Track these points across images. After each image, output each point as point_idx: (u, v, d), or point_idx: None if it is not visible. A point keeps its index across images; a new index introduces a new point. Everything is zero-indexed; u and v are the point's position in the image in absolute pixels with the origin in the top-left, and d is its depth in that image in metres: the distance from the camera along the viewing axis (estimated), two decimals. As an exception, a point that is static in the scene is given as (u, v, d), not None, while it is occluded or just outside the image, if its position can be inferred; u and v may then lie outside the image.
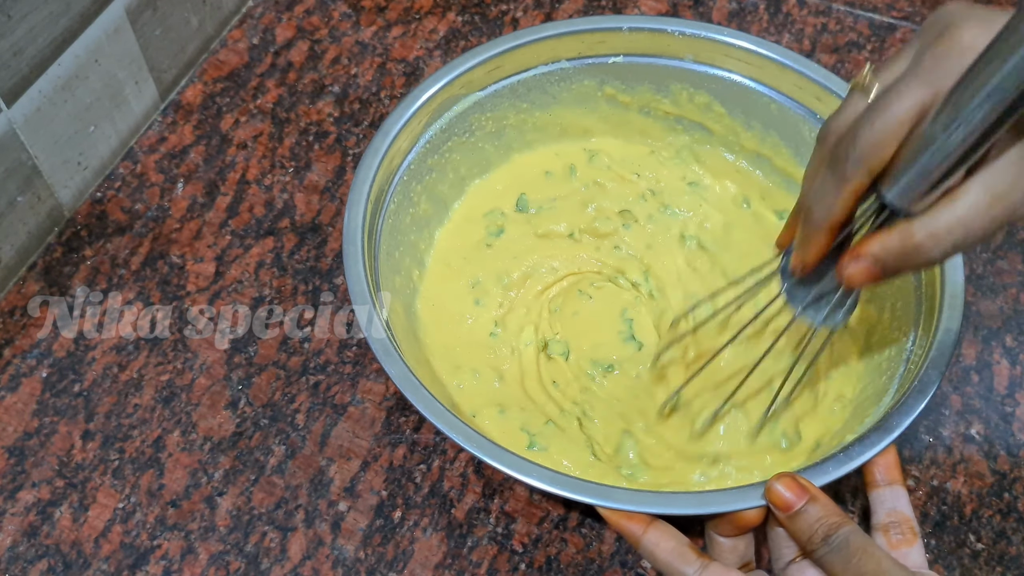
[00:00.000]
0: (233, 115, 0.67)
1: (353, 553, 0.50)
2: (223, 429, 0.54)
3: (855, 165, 0.37)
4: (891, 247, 0.38)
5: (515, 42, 0.58)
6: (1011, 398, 0.56)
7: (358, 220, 0.51)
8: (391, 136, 0.54)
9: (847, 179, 0.38)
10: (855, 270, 0.39)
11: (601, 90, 0.61)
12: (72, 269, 0.60)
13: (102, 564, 0.50)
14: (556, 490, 0.43)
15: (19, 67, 0.54)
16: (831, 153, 0.39)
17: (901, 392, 0.46)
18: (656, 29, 0.59)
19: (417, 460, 0.53)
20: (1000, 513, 0.52)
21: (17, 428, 0.54)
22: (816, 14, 0.74)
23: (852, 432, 0.47)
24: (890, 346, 0.52)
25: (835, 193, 0.39)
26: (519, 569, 0.50)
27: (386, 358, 0.47)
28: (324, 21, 0.73)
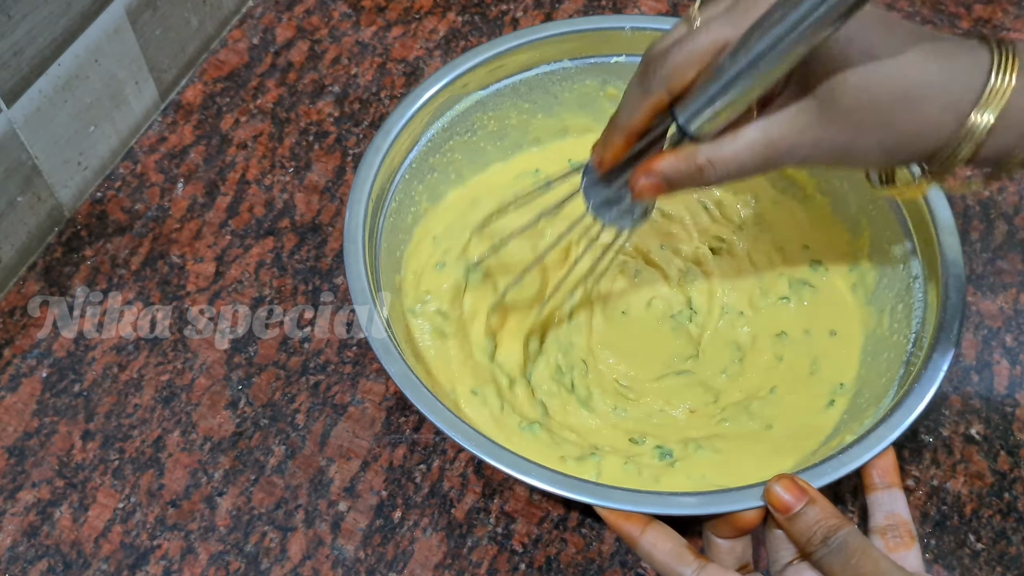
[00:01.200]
0: (233, 115, 0.67)
1: (353, 553, 0.50)
2: (223, 429, 0.54)
3: (659, 83, 0.40)
4: (677, 166, 0.41)
5: (517, 41, 0.58)
6: (1011, 398, 0.56)
7: (359, 219, 0.51)
8: (392, 135, 0.54)
9: (650, 92, 0.41)
10: (644, 183, 0.43)
11: (603, 90, 0.61)
12: (72, 269, 0.60)
13: (102, 564, 0.50)
14: (555, 489, 0.43)
15: (19, 67, 0.54)
16: (644, 67, 0.42)
17: (900, 394, 0.46)
18: (659, 29, 0.59)
19: (417, 460, 0.53)
20: (1000, 513, 0.52)
21: (17, 428, 0.54)
22: (816, 14, 0.74)
23: (851, 434, 0.47)
24: (890, 348, 0.52)
25: (638, 102, 0.42)
26: (519, 569, 0.50)
27: (387, 357, 0.47)
28: (324, 21, 0.73)
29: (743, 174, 0.40)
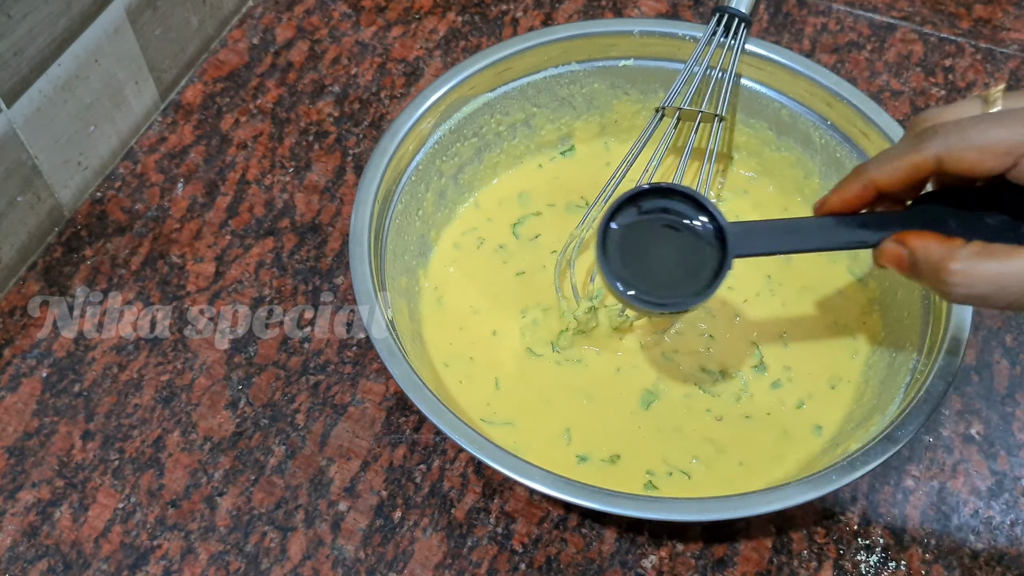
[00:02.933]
0: (233, 115, 0.67)
1: (353, 553, 0.50)
2: (223, 429, 0.54)
3: (938, 145, 0.36)
4: (928, 253, 0.37)
5: (525, 44, 0.58)
6: (1011, 398, 0.56)
7: (364, 220, 0.51)
8: (399, 136, 0.54)
9: (920, 151, 0.37)
10: (890, 248, 0.39)
11: (612, 93, 0.61)
12: (72, 269, 0.60)
13: (102, 564, 0.50)
14: (557, 493, 0.43)
15: (19, 67, 0.54)
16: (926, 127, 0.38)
17: (906, 402, 0.47)
18: (667, 33, 0.59)
19: (417, 460, 0.53)
20: (1000, 513, 0.52)
21: (17, 428, 0.54)
22: (816, 14, 0.74)
23: (857, 442, 0.47)
24: (896, 356, 0.52)
25: (900, 154, 0.38)
26: (519, 569, 0.50)
27: (390, 358, 0.47)
28: (324, 21, 0.73)
29: (994, 301, 0.35)
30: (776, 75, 0.58)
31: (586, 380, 0.54)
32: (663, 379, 0.54)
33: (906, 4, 0.75)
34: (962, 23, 0.73)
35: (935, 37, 0.73)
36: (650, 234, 0.43)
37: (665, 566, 0.50)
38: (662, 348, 0.55)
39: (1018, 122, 0.35)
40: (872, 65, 0.71)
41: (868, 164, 0.40)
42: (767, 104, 0.59)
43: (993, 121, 0.36)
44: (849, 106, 0.56)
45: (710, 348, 0.55)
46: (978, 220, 0.39)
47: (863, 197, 0.40)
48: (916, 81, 0.70)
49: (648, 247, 0.43)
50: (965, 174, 0.37)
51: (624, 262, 0.42)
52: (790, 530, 0.51)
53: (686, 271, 0.42)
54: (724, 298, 0.57)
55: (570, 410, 0.53)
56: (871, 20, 0.74)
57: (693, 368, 0.54)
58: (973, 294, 0.36)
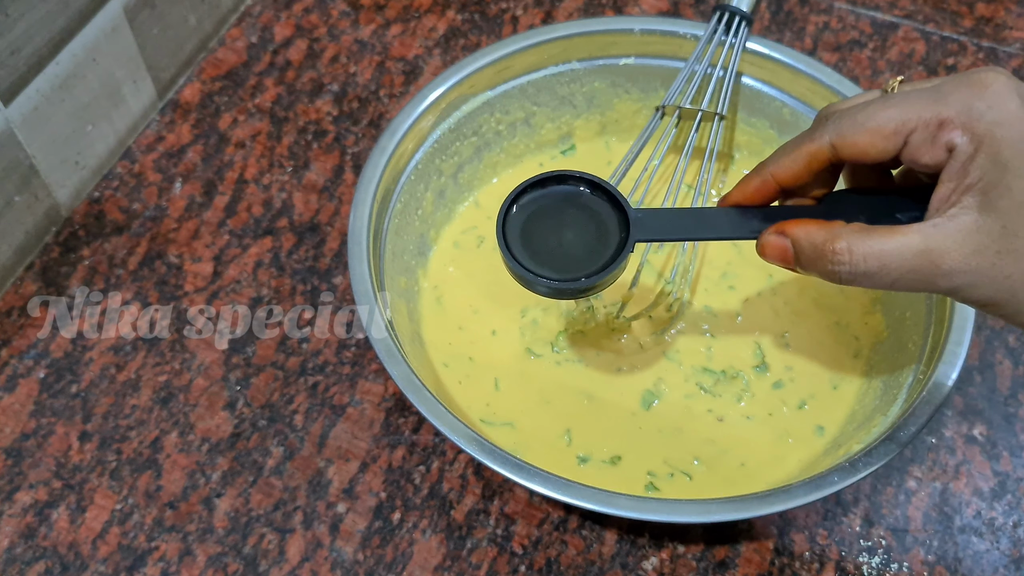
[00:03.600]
0: (231, 114, 0.67)
1: (352, 555, 0.50)
2: (221, 430, 0.54)
3: (830, 132, 0.37)
4: (812, 239, 0.37)
5: (525, 42, 0.58)
6: (1014, 399, 0.55)
7: (363, 220, 0.51)
8: (399, 135, 0.54)
9: (814, 140, 0.38)
10: (772, 241, 0.39)
11: (612, 91, 0.61)
12: (70, 269, 0.59)
13: (99, 566, 0.49)
14: (557, 495, 0.43)
15: (16, 66, 0.53)
16: (819, 119, 0.39)
17: (909, 403, 0.46)
18: (668, 31, 0.59)
19: (416, 461, 0.53)
20: (1003, 514, 0.52)
21: (14, 429, 0.53)
22: (818, 12, 0.74)
23: (859, 442, 0.46)
24: (899, 357, 0.52)
25: (796, 146, 0.38)
26: (519, 571, 0.50)
27: (389, 359, 0.46)
28: (323, 19, 0.73)
29: (878, 280, 0.35)
30: (778, 73, 0.58)
31: (586, 380, 0.54)
32: (664, 379, 0.53)
33: (908, 2, 0.74)
34: (964, 22, 0.73)
35: (937, 36, 0.72)
36: (557, 220, 0.43)
37: (666, 568, 0.50)
38: (663, 348, 0.55)
39: (904, 103, 0.35)
40: (874, 64, 0.71)
41: (769, 158, 0.40)
42: (769, 103, 0.59)
43: (881, 104, 0.36)
44: None
45: (711, 348, 0.55)
46: (886, 210, 0.39)
47: (762, 191, 0.40)
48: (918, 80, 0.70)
49: (554, 233, 0.43)
50: (859, 158, 0.37)
51: (528, 246, 0.42)
52: (792, 531, 0.51)
53: (592, 256, 0.42)
54: (726, 298, 0.57)
55: (570, 411, 0.53)
56: (873, 18, 0.73)
57: (694, 368, 0.54)
58: (857, 272, 0.36)
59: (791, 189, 0.40)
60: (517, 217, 0.43)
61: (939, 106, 0.35)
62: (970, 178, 0.34)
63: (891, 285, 0.36)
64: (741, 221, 0.41)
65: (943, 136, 0.35)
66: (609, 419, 0.52)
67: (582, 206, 0.43)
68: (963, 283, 0.34)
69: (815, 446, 0.51)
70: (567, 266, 0.42)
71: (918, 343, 0.50)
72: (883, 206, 0.39)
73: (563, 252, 0.42)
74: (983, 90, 0.34)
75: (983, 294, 0.35)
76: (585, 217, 0.43)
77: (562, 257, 0.42)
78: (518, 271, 0.42)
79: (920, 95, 0.35)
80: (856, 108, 0.37)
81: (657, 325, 0.55)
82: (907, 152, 0.36)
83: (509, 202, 0.43)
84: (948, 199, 0.35)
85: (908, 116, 0.35)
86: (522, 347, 0.55)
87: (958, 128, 0.34)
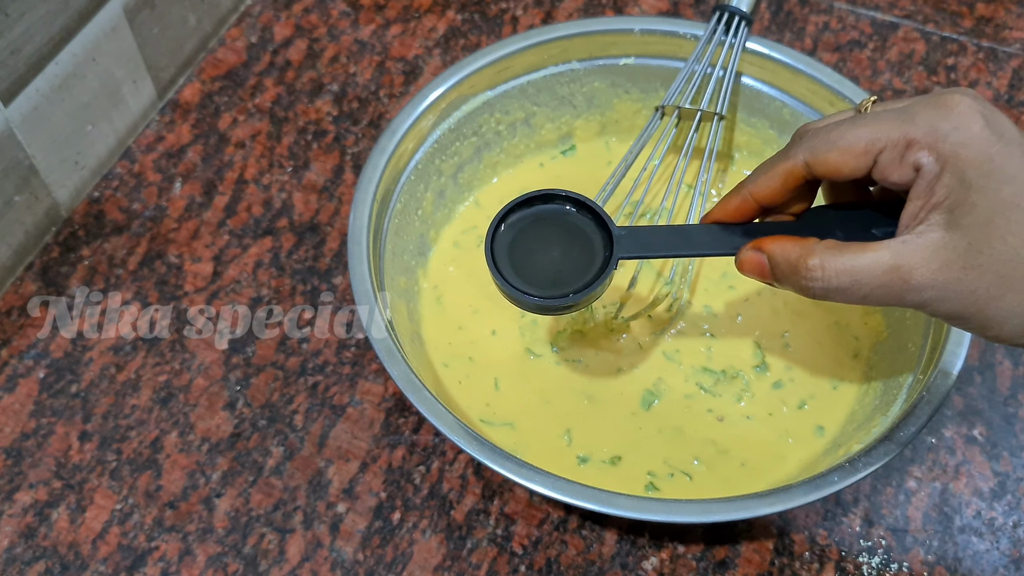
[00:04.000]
0: (231, 114, 0.67)
1: (352, 555, 0.50)
2: (221, 430, 0.54)
3: (804, 151, 0.38)
4: (787, 254, 0.38)
5: (525, 42, 0.58)
6: (1014, 399, 0.55)
7: (363, 220, 0.51)
8: (398, 135, 0.54)
9: (788, 157, 0.39)
10: (749, 256, 0.40)
11: (612, 91, 0.61)
12: (69, 269, 0.59)
13: (99, 566, 0.49)
14: (557, 495, 0.43)
15: (16, 66, 0.53)
16: (795, 137, 0.40)
17: (909, 403, 0.46)
18: (668, 31, 0.59)
19: (416, 461, 0.53)
20: (1003, 515, 0.52)
21: (14, 429, 0.53)
22: (818, 12, 0.74)
23: (859, 443, 0.46)
24: (899, 357, 0.52)
25: (772, 164, 0.40)
26: (519, 571, 0.50)
27: (389, 359, 0.46)
28: (323, 19, 0.73)
29: (850, 295, 0.36)
30: (778, 74, 0.58)
31: (586, 380, 0.54)
32: (664, 379, 0.53)
33: (908, 3, 0.74)
34: (964, 22, 0.73)
35: (937, 36, 0.72)
36: (543, 238, 0.44)
37: (666, 568, 0.50)
38: (663, 348, 0.55)
39: (874, 123, 0.37)
40: (874, 64, 0.71)
41: (748, 178, 0.41)
42: (769, 103, 0.59)
43: (852, 123, 0.37)
44: (851, 105, 0.55)
45: (711, 348, 0.55)
46: (862, 225, 0.40)
47: (742, 209, 0.41)
48: (918, 80, 0.70)
49: (541, 251, 0.44)
50: (832, 176, 0.38)
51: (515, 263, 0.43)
52: (792, 532, 0.51)
53: (577, 273, 0.43)
54: (726, 298, 0.57)
55: (570, 411, 0.53)
56: (873, 19, 0.73)
57: (694, 368, 0.54)
58: (830, 287, 0.37)
59: (770, 207, 0.41)
60: (505, 235, 0.44)
61: (907, 126, 0.36)
62: (936, 196, 0.35)
63: (862, 300, 0.37)
64: (722, 237, 0.42)
65: (910, 156, 0.36)
66: (609, 419, 0.52)
67: (568, 224, 0.44)
68: (931, 297, 0.35)
69: (815, 446, 0.51)
70: (553, 283, 0.43)
71: (918, 343, 0.50)
72: (859, 221, 0.40)
73: (550, 269, 0.43)
74: (949, 111, 0.35)
75: (950, 308, 0.36)
76: (571, 235, 0.44)
77: (549, 274, 0.43)
78: (506, 288, 0.43)
79: (889, 115, 0.37)
80: (829, 127, 0.38)
81: (657, 325, 0.55)
82: (877, 170, 0.37)
83: (497, 221, 0.43)
84: (916, 216, 0.36)
85: (877, 136, 0.36)
86: (522, 347, 0.55)
87: (925, 148, 0.35)
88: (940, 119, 0.35)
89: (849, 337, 0.55)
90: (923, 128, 0.35)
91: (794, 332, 0.55)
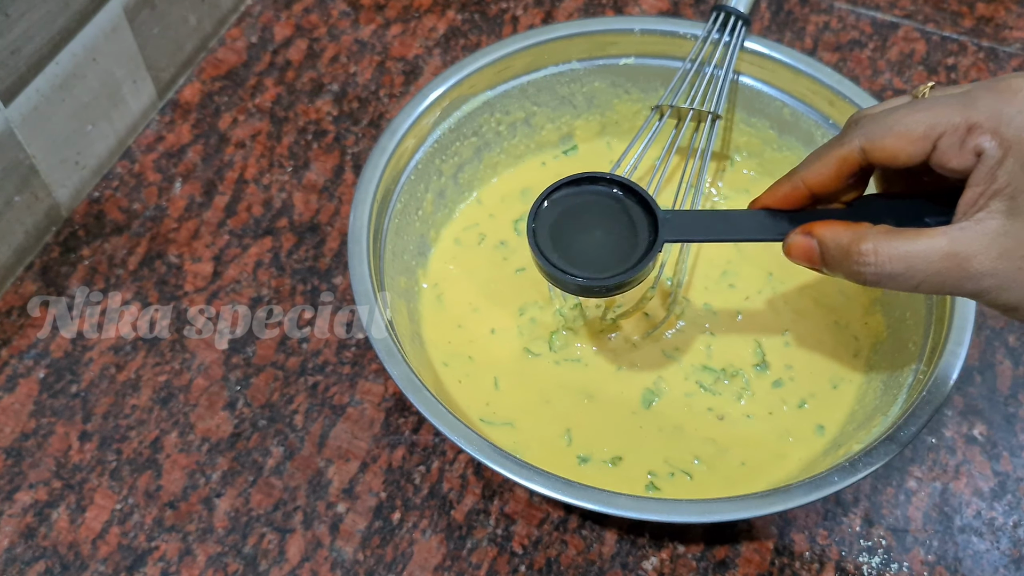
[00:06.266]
0: (231, 114, 0.67)
1: (352, 555, 0.50)
2: (221, 430, 0.54)
3: (860, 136, 0.37)
4: (838, 239, 0.38)
5: (525, 42, 0.58)
6: (1014, 399, 0.55)
7: (363, 219, 0.51)
8: (399, 135, 0.54)
9: (843, 144, 0.38)
10: (799, 241, 0.39)
11: (612, 91, 0.61)
12: (70, 269, 0.59)
13: (99, 566, 0.49)
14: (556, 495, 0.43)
15: (16, 66, 0.53)
16: (849, 123, 0.39)
17: (909, 403, 0.46)
18: (668, 31, 0.59)
19: (416, 461, 0.53)
20: (1003, 514, 0.52)
21: (14, 429, 0.53)
22: (818, 12, 0.74)
23: (859, 442, 0.46)
24: (899, 357, 0.52)
25: (827, 151, 0.39)
26: (519, 571, 0.50)
27: (389, 359, 0.46)
28: (323, 19, 0.73)
29: (903, 282, 0.36)
30: (778, 73, 0.58)
31: (586, 379, 0.54)
32: (664, 378, 0.53)
33: (908, 2, 0.74)
34: (964, 21, 0.73)
35: (937, 36, 0.72)
36: (586, 220, 0.44)
37: (666, 568, 0.50)
38: (662, 346, 0.55)
39: (934, 107, 0.36)
40: (874, 63, 0.71)
41: (801, 164, 0.40)
42: (769, 103, 0.59)
43: (910, 108, 0.36)
44: (851, 105, 0.55)
45: (711, 346, 0.55)
46: (914, 214, 0.39)
47: (792, 196, 0.41)
48: (919, 80, 0.70)
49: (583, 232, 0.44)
50: (889, 162, 0.37)
51: (557, 243, 0.44)
52: (792, 531, 0.51)
53: (621, 255, 0.43)
54: (726, 296, 0.57)
55: (570, 410, 0.53)
56: (873, 18, 0.73)
57: (694, 366, 0.54)
58: (883, 273, 0.36)
59: (821, 195, 0.40)
60: (546, 217, 0.44)
61: (968, 111, 0.35)
62: (998, 183, 0.34)
63: (916, 287, 0.36)
64: (769, 223, 0.42)
65: (971, 141, 0.35)
66: (609, 418, 0.52)
67: (609, 207, 0.44)
68: (989, 286, 0.35)
69: (815, 445, 0.51)
70: (596, 264, 0.43)
71: (918, 343, 0.50)
72: (911, 210, 0.40)
73: (591, 251, 0.43)
74: (1013, 95, 0.34)
75: (1009, 298, 0.35)
76: (612, 217, 0.44)
77: (591, 255, 0.43)
78: (548, 269, 0.43)
79: (949, 100, 0.35)
80: (885, 112, 0.37)
81: (651, 324, 0.55)
82: (936, 156, 0.36)
83: (540, 201, 0.44)
84: (975, 203, 0.35)
85: (937, 120, 0.35)
86: (520, 346, 0.55)
87: (987, 133, 0.34)
88: (1003, 103, 0.34)
89: (849, 336, 0.55)
90: (985, 112, 0.34)
91: (794, 331, 0.55)
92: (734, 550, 0.50)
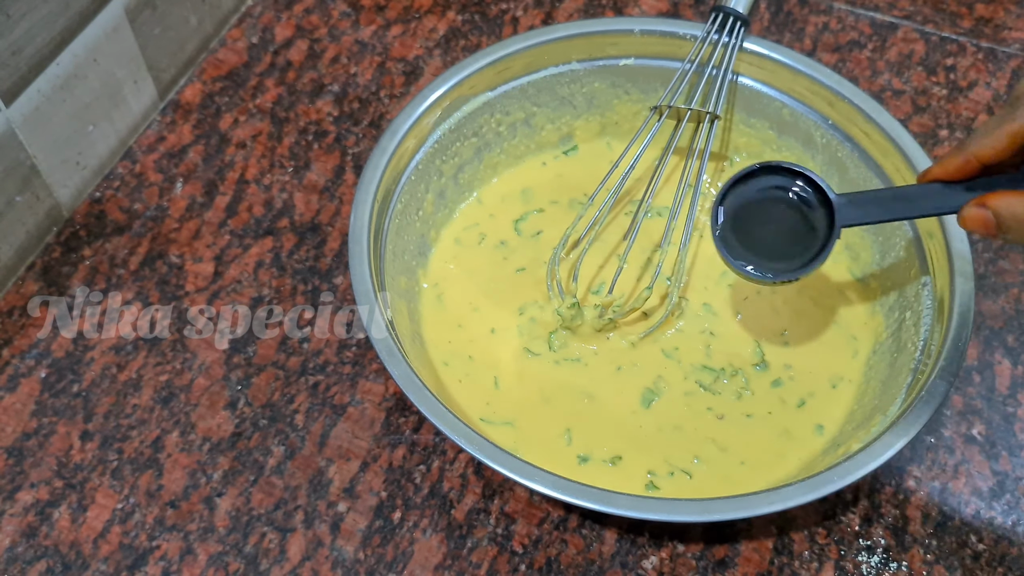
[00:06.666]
0: (232, 114, 0.67)
1: (352, 554, 0.50)
2: (222, 430, 0.54)
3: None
4: (1014, 209, 0.38)
5: (525, 43, 0.58)
6: (1013, 398, 0.56)
7: (364, 220, 0.51)
8: (399, 136, 0.54)
9: (1014, 117, 0.38)
10: (974, 213, 0.40)
11: (612, 92, 0.61)
12: (71, 269, 0.59)
13: (101, 565, 0.49)
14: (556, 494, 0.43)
15: (18, 66, 0.54)
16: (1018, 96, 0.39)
17: (908, 402, 0.46)
18: (668, 32, 0.59)
19: (417, 461, 0.53)
20: (1002, 514, 0.52)
21: (16, 429, 0.53)
22: (817, 13, 0.74)
23: (858, 442, 0.46)
24: (898, 356, 0.52)
25: (996, 124, 0.39)
26: (519, 570, 0.50)
27: (389, 359, 0.47)
28: (323, 20, 0.73)
29: None
30: (777, 74, 0.58)
31: (586, 379, 0.54)
32: (664, 377, 0.54)
33: (907, 3, 0.74)
34: (964, 22, 0.73)
35: (936, 36, 0.72)
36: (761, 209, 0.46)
37: (666, 567, 0.50)
38: (662, 345, 0.55)
39: None
40: (874, 64, 0.71)
41: (969, 137, 0.41)
42: (768, 103, 0.59)
43: None
44: (851, 105, 0.55)
45: (711, 345, 0.55)
46: None
47: (964, 169, 0.41)
48: (918, 80, 0.70)
49: (760, 222, 0.46)
50: None
51: (737, 237, 0.46)
52: (791, 531, 0.51)
53: (796, 242, 0.45)
54: (725, 295, 0.57)
55: (570, 410, 0.53)
56: (872, 19, 0.74)
57: (694, 366, 0.54)
58: None
59: (991, 166, 0.41)
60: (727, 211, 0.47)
61: None
62: None
63: None
64: (943, 196, 0.43)
65: None
66: (609, 418, 0.52)
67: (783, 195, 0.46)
68: None
69: (815, 445, 0.51)
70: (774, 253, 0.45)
71: (917, 343, 0.50)
72: None
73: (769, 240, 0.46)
74: None
75: None
76: (786, 205, 0.46)
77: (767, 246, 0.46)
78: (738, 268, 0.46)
79: None
80: None
81: (649, 324, 0.55)
82: None
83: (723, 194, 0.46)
84: None
85: None
86: (520, 346, 0.55)
87: None
88: None
89: (848, 336, 0.55)
90: None
91: (793, 330, 0.55)
92: (733, 549, 0.50)
